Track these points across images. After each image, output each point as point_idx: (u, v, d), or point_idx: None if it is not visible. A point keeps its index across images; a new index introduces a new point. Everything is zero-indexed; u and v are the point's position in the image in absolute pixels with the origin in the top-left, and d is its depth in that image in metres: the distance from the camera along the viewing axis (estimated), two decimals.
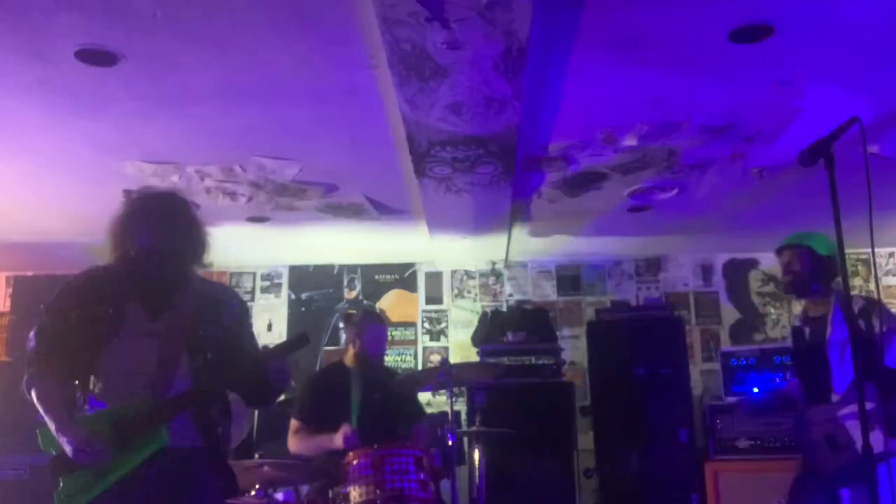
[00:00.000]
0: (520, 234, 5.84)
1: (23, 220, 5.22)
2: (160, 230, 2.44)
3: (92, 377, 2.36)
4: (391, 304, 6.64)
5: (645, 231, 5.83)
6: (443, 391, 5.86)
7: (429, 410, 5.93)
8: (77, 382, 2.36)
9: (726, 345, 6.23)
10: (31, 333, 2.41)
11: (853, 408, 2.96)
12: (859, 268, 6.40)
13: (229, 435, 2.55)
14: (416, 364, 6.49)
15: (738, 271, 6.50)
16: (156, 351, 2.38)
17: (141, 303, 2.42)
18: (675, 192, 4.97)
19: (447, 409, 4.15)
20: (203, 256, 2.53)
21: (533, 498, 5.03)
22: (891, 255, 6.45)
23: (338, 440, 3.72)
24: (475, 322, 6.21)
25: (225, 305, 2.59)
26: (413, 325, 6.61)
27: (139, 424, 2.28)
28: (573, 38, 3.12)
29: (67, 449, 2.21)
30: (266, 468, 3.48)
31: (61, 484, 2.27)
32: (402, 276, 6.71)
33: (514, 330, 5.67)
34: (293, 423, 4.08)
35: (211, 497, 2.44)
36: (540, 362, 5.52)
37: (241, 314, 2.66)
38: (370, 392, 4.11)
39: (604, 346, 5.57)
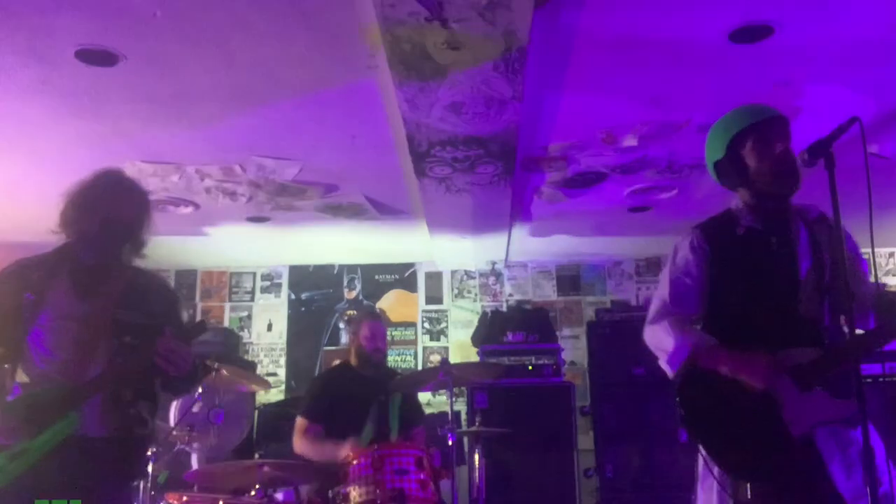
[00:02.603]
0: (520, 234, 5.84)
1: (23, 220, 5.22)
2: (122, 201, 2.47)
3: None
4: (391, 304, 6.64)
5: (645, 231, 5.83)
6: (443, 392, 5.87)
7: (429, 410, 5.94)
8: (7, 371, 2.38)
9: None
10: None
11: None
12: None
13: (146, 419, 2.49)
14: (416, 364, 6.49)
15: None
16: (76, 335, 2.39)
17: (66, 287, 2.44)
18: (675, 192, 4.97)
19: (447, 409, 4.15)
20: (144, 242, 2.53)
21: (533, 498, 5.03)
22: (891, 255, 6.45)
23: (343, 454, 3.67)
24: (475, 322, 6.21)
25: (154, 293, 2.58)
26: (413, 325, 6.61)
27: (51, 409, 2.29)
28: (573, 38, 3.12)
29: None
30: (266, 468, 3.47)
31: None
32: (402, 276, 6.71)
33: (514, 330, 5.67)
34: (299, 421, 4.07)
35: (116, 486, 2.45)
36: (540, 362, 5.52)
37: (171, 303, 2.65)
38: (372, 391, 4.11)
39: (604, 346, 5.57)
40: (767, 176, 2.29)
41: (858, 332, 2.20)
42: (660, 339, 2.36)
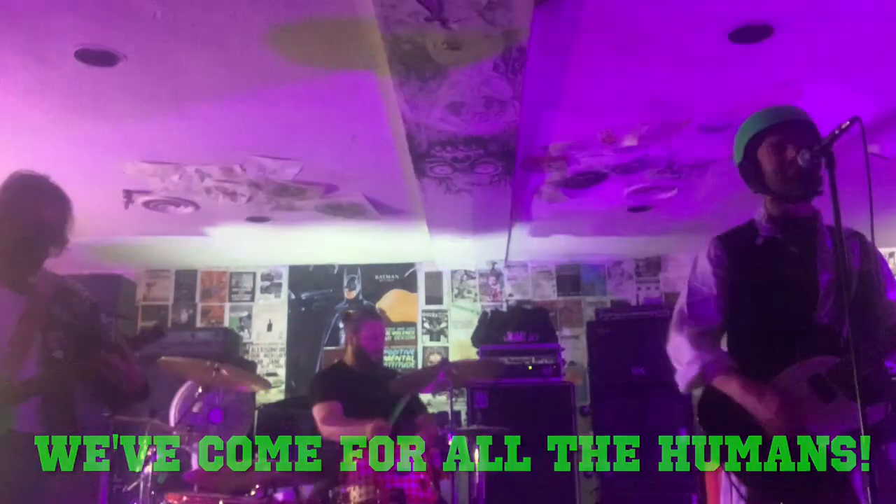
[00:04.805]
0: (520, 234, 5.84)
1: None
2: (55, 206, 2.47)
3: None
4: (391, 304, 6.64)
5: (645, 231, 5.83)
6: (443, 392, 5.86)
7: (429, 410, 5.94)
8: None
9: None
10: None
11: None
12: None
13: (76, 420, 2.48)
14: (416, 364, 6.50)
15: None
16: (13, 327, 2.36)
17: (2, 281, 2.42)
18: (675, 192, 4.97)
19: (447, 409, 4.15)
20: (66, 240, 2.53)
21: (533, 498, 5.03)
22: (891, 254, 6.44)
23: (368, 432, 3.67)
24: (475, 322, 6.21)
25: (76, 296, 2.58)
26: (413, 325, 6.61)
27: None
28: (573, 39, 3.12)
29: None
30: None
31: None
32: (402, 276, 6.71)
33: (514, 330, 5.68)
34: (318, 408, 4.07)
35: (54, 484, 2.40)
36: (540, 362, 5.53)
37: (93, 306, 2.63)
38: (371, 391, 4.11)
39: (604, 346, 5.58)
40: (778, 179, 2.25)
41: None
42: (677, 351, 2.33)
